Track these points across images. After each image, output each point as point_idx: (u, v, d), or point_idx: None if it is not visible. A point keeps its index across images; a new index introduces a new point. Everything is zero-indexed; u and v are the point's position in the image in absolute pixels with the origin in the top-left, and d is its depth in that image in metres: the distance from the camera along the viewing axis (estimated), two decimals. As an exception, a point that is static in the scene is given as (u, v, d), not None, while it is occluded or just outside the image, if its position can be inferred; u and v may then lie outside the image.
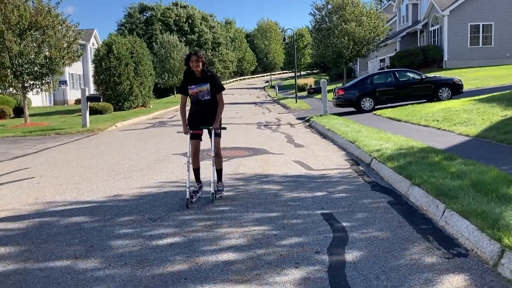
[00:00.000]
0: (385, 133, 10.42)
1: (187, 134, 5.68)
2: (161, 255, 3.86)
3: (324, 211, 4.97)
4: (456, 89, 18.10)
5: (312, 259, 3.63)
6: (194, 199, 5.59)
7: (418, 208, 4.96)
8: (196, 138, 5.73)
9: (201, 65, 5.58)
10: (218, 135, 5.75)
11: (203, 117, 5.73)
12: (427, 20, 37.20)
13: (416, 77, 18.56)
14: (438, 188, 4.91)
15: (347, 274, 3.32)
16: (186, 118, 5.80)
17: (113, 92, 28.39)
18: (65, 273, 3.54)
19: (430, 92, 18.13)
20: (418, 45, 38.14)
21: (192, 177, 5.85)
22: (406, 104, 17.65)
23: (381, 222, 4.53)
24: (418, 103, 17.86)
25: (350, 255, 3.69)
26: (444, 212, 4.39)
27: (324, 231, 4.33)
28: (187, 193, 5.44)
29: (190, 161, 5.71)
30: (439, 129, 11.06)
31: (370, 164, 7.47)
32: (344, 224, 4.50)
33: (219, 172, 5.92)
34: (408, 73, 19.08)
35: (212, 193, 5.56)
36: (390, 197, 5.48)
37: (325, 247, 3.89)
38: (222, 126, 5.87)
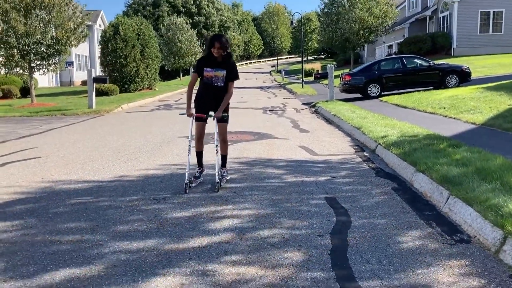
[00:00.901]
0: (391, 119, 10.39)
1: (190, 116, 5.48)
2: (165, 234, 3.91)
3: (328, 196, 4.99)
4: (464, 77, 17.95)
5: (315, 242, 3.66)
6: (194, 184, 5.47)
7: (422, 194, 4.97)
8: (201, 120, 5.56)
9: (222, 52, 5.35)
10: (225, 121, 5.56)
11: (216, 102, 5.50)
12: (436, 6, 36.74)
13: (424, 64, 18.41)
14: (442, 175, 4.91)
15: (349, 258, 3.36)
16: (192, 100, 5.59)
17: (119, 74, 28.38)
18: (71, 251, 3.59)
19: (437, 79, 18.00)
20: (427, 32, 37.73)
21: (193, 160, 5.80)
22: (413, 91, 17.55)
23: (385, 207, 4.55)
24: (425, 90, 17.75)
25: (353, 239, 3.72)
26: (448, 199, 4.40)
27: (327, 215, 4.36)
28: (186, 177, 5.30)
29: (191, 144, 5.54)
30: (446, 116, 11.02)
31: (375, 150, 7.47)
32: (347, 208, 4.53)
33: (224, 157, 5.78)
34: (415, 60, 18.92)
35: (217, 182, 5.33)
36: (394, 183, 5.50)
37: (328, 231, 3.93)
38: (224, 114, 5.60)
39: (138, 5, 67.78)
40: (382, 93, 18.03)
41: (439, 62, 21.12)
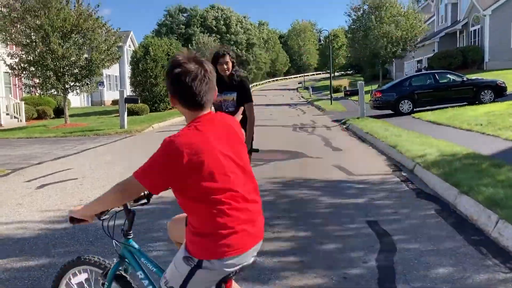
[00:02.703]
0: (426, 137, 10.15)
1: None
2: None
3: (369, 219, 4.86)
4: (499, 92, 17.50)
5: (361, 269, 3.54)
6: None
7: (467, 217, 4.78)
8: None
9: (230, 67, 4.47)
10: (249, 153, 4.51)
11: None
12: (467, 20, 36.16)
13: (457, 79, 18.06)
14: (488, 197, 4.73)
15: (398, 287, 3.22)
16: None
17: (149, 93, 28.86)
18: (114, 277, 3.57)
19: (471, 94, 17.59)
20: (458, 46, 37.12)
21: None
22: (446, 107, 17.17)
23: (430, 231, 4.39)
24: (459, 106, 17.34)
25: (400, 266, 3.58)
26: (497, 223, 4.21)
27: (370, 239, 4.23)
28: None
29: None
30: (483, 133, 10.69)
31: (413, 170, 7.28)
32: (391, 232, 4.39)
33: None
34: (448, 75, 18.59)
35: None
36: (437, 205, 5.32)
37: (373, 257, 3.80)
38: (254, 147, 4.61)
39: (170, 24, 69.26)
40: (414, 110, 17.72)
41: (472, 77, 20.67)
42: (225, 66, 4.42)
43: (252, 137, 4.67)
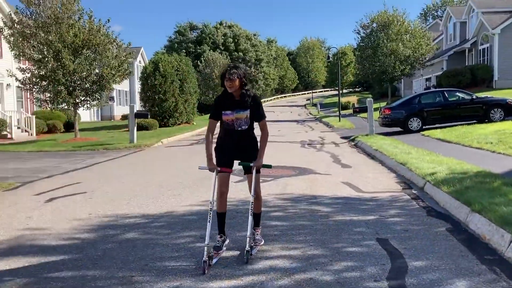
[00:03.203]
0: (436, 155, 10.09)
1: (213, 171, 4.35)
2: (214, 275, 3.82)
3: (379, 237, 4.81)
4: (509, 110, 17.41)
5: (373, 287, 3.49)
6: (215, 260, 4.17)
7: (479, 236, 4.72)
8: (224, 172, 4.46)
9: (239, 84, 4.31)
10: (258, 171, 4.46)
11: (242, 150, 4.48)
12: (476, 39, 36.21)
13: (466, 97, 18.02)
14: (501, 216, 4.66)
15: (411, 306, 3.17)
16: (213, 149, 4.50)
17: (158, 109, 29.07)
18: (122, 292, 3.56)
19: (481, 113, 17.53)
20: (466, 64, 37.10)
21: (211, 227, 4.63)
22: (456, 125, 17.10)
23: (441, 250, 4.33)
24: (468, 124, 17.28)
25: (412, 286, 3.52)
26: (511, 242, 4.15)
27: (381, 257, 4.17)
28: (205, 253, 4.00)
29: (214, 205, 4.32)
30: (494, 152, 10.61)
31: (424, 188, 7.22)
32: (402, 251, 4.33)
33: (257, 217, 4.67)
34: (457, 93, 18.56)
35: (247, 251, 4.15)
36: (448, 224, 5.25)
37: (384, 275, 3.75)
38: (266, 163, 4.51)
39: (180, 41, 69.92)
40: (423, 127, 17.67)
41: (482, 95, 20.62)
42: (231, 83, 4.24)
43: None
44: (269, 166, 4.54)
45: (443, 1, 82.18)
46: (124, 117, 38.83)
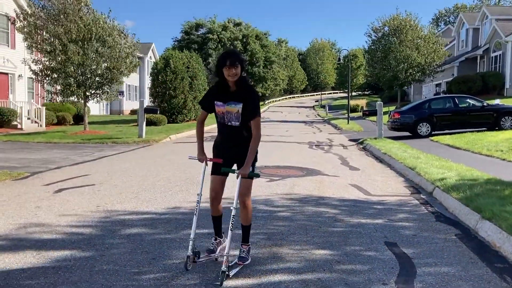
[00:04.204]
0: (446, 161, 10.02)
1: (203, 162, 4.04)
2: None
3: (388, 240, 4.78)
4: (520, 119, 17.28)
5: (380, 291, 3.47)
6: (203, 259, 3.94)
7: (489, 244, 4.67)
8: (218, 173, 4.04)
9: (239, 70, 3.77)
10: (251, 176, 3.88)
11: (236, 149, 3.98)
12: (488, 46, 35.96)
13: (477, 104, 17.90)
14: (512, 224, 4.61)
15: (420, 311, 3.14)
16: (202, 139, 4.17)
17: (168, 105, 29.12)
18: (130, 285, 3.56)
19: (491, 120, 17.41)
20: (478, 71, 36.86)
21: (202, 225, 4.64)
22: (465, 132, 17.01)
23: (450, 256, 4.30)
24: (478, 131, 17.16)
25: (421, 290, 3.50)
26: (521, 251, 4.11)
27: (389, 261, 4.15)
28: (189, 247, 3.80)
29: (201, 199, 4.05)
30: (504, 160, 10.53)
31: (433, 193, 7.17)
32: (411, 255, 4.30)
33: (245, 230, 4.06)
34: (468, 100, 18.45)
35: (223, 272, 3.56)
36: (457, 230, 5.21)
37: (392, 279, 3.72)
38: (256, 172, 3.93)
39: (186, 41, 69.86)
40: (433, 133, 17.57)
41: (493, 102, 20.47)
42: (234, 71, 3.71)
43: (256, 158, 3.95)
44: (257, 175, 3.84)
45: (456, 7, 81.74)
46: (133, 112, 38.98)
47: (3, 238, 4.78)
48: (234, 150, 3.98)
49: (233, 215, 3.77)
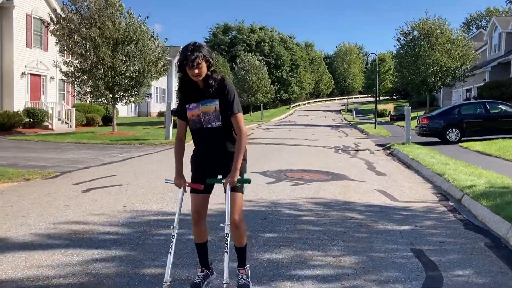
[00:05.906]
0: (475, 167, 9.79)
1: (180, 187, 3.50)
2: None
3: (414, 247, 4.69)
4: (554, 126, 16.75)
5: (406, 299, 3.41)
6: None
7: (520, 254, 4.54)
8: (198, 192, 3.52)
9: (205, 68, 3.21)
10: (239, 189, 3.45)
11: (215, 161, 3.43)
12: (522, 50, 35.00)
13: (509, 110, 17.44)
14: (544, 234, 4.48)
15: (446, 320, 3.08)
16: (182, 159, 3.59)
17: (194, 107, 29.36)
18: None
19: (524, 126, 16.92)
20: (511, 76, 35.89)
21: (182, 255, 4.26)
22: (496, 138, 16.56)
23: (479, 265, 4.19)
24: (510, 137, 16.70)
25: (448, 299, 3.43)
26: (554, 262, 3.98)
27: (416, 268, 4.08)
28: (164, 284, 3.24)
29: (176, 232, 3.46)
30: (537, 168, 10.22)
31: (461, 200, 7.01)
32: (437, 263, 4.22)
33: (240, 252, 3.52)
34: (500, 105, 17.98)
35: None
36: (487, 239, 5.08)
37: (419, 287, 3.66)
38: (246, 177, 3.42)
39: (215, 44, 70.52)
40: (462, 139, 17.19)
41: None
42: (196, 71, 3.15)
43: (245, 159, 3.44)
44: (247, 181, 3.38)
45: (487, 11, 79.94)
46: (160, 114, 39.51)
47: (34, 234, 4.91)
48: (217, 156, 3.39)
49: (226, 234, 3.25)
